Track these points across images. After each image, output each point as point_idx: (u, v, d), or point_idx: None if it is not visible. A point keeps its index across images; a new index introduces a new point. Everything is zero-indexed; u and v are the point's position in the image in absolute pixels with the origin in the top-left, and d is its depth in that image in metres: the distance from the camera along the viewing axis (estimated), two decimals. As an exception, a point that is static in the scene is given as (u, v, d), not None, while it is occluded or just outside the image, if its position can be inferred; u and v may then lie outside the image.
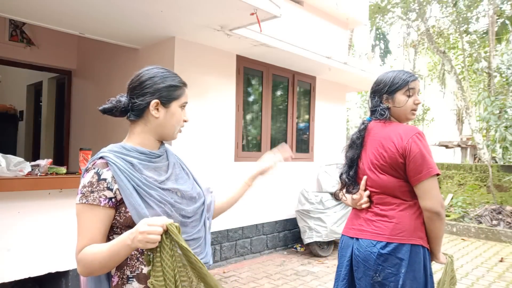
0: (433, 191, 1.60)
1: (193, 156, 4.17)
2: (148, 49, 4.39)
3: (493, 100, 7.17)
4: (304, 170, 5.70)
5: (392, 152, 1.66)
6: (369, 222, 1.73)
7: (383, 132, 1.74)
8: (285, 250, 5.37)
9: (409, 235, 1.63)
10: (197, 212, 1.32)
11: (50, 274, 2.92)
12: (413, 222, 1.64)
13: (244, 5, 3.12)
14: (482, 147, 10.34)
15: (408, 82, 1.76)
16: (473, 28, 12.62)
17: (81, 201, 1.14)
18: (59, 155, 5.89)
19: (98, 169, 1.16)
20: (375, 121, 1.82)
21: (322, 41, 5.88)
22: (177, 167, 1.36)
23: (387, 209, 1.70)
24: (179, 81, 1.32)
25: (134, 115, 1.28)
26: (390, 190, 1.70)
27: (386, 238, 1.65)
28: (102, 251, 1.09)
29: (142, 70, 1.31)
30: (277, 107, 5.45)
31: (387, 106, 1.79)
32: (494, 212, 7.05)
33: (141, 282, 1.16)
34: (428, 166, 1.60)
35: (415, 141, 1.62)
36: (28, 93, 6.87)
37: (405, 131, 1.67)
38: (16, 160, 2.71)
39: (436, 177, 1.61)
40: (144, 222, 1.04)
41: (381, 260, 1.63)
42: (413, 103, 1.77)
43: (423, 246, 1.64)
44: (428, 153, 1.62)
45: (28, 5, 3.20)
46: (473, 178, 8.88)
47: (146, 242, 1.02)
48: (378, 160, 1.72)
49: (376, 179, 1.74)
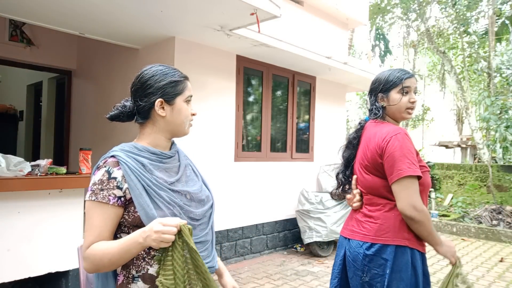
0: (402, 193, 1.56)
1: (193, 156, 4.16)
2: (148, 49, 4.39)
3: (493, 100, 7.17)
4: (304, 170, 5.70)
5: (372, 152, 1.66)
6: (358, 223, 1.74)
7: (371, 132, 1.73)
8: (285, 250, 5.37)
9: (393, 236, 1.61)
10: (205, 215, 1.31)
11: (50, 274, 2.92)
12: (398, 223, 1.62)
13: (244, 5, 3.12)
14: (482, 147, 10.34)
15: (402, 79, 1.72)
16: (472, 29, 12.62)
17: (91, 198, 1.15)
18: (59, 155, 5.88)
19: (109, 168, 1.17)
20: (370, 120, 1.80)
21: (322, 41, 5.88)
22: (188, 169, 1.36)
23: (374, 209, 1.69)
24: (180, 75, 1.29)
25: (141, 117, 1.27)
26: (376, 190, 1.69)
27: (371, 239, 1.65)
28: (113, 247, 1.10)
29: (142, 70, 1.29)
30: (277, 107, 5.45)
31: (382, 105, 1.76)
32: (494, 212, 7.06)
33: (146, 282, 1.16)
34: (398, 168, 1.56)
35: (392, 142, 1.59)
36: (28, 93, 6.87)
37: (388, 131, 1.64)
38: (16, 160, 2.71)
39: (410, 179, 1.55)
40: (159, 221, 1.06)
41: (366, 260, 1.64)
42: (408, 101, 1.72)
43: (410, 247, 1.61)
44: (404, 155, 1.57)
45: (28, 5, 3.20)
46: (473, 178, 8.88)
47: (160, 241, 1.04)
48: (364, 160, 1.72)
49: (362, 179, 1.75)
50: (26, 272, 2.79)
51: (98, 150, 1.26)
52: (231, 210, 4.67)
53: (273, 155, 5.28)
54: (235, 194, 4.72)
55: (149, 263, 1.17)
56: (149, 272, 1.16)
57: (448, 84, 17.07)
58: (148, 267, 1.17)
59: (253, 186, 4.94)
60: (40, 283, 3.10)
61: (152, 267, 1.16)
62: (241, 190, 4.79)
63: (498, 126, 7.02)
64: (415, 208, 1.55)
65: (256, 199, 4.98)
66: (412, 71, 15.71)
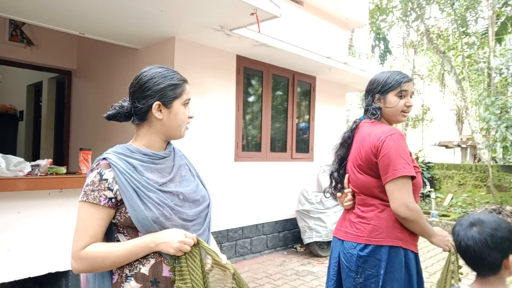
0: (396, 192, 1.58)
1: (193, 156, 4.15)
2: (148, 49, 4.39)
3: (493, 100, 7.17)
4: (304, 170, 5.70)
5: (367, 151, 1.66)
6: (351, 224, 1.74)
7: (365, 131, 1.74)
8: (285, 250, 5.37)
9: (386, 237, 1.62)
10: (200, 215, 1.30)
11: (50, 274, 2.92)
12: (391, 224, 1.63)
13: (244, 5, 3.12)
14: (482, 147, 10.34)
15: (401, 83, 1.73)
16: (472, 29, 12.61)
17: (82, 199, 1.18)
18: (59, 155, 5.88)
19: (101, 170, 1.19)
20: (365, 120, 1.81)
21: (322, 41, 5.88)
22: (183, 169, 1.36)
23: (366, 210, 1.70)
24: (179, 79, 1.29)
25: (138, 119, 1.28)
26: (368, 190, 1.69)
27: (364, 240, 1.65)
28: (118, 250, 1.14)
29: (141, 71, 1.29)
30: (277, 107, 5.45)
31: (379, 106, 1.77)
32: (494, 212, 7.05)
33: (139, 281, 1.17)
34: (394, 167, 1.57)
35: (388, 141, 1.60)
36: (28, 93, 6.87)
37: (383, 131, 1.65)
38: (16, 160, 2.71)
39: (404, 179, 1.58)
40: (182, 233, 1.16)
41: (360, 261, 1.64)
42: (404, 105, 1.74)
43: (403, 247, 1.62)
44: (399, 155, 1.59)
45: (28, 5, 3.20)
46: (473, 178, 8.88)
47: (180, 250, 1.14)
48: (357, 159, 1.73)
49: (355, 178, 1.75)
50: (26, 272, 2.79)
51: (98, 150, 1.26)
52: (231, 210, 4.67)
53: (273, 155, 5.28)
54: (235, 194, 4.72)
55: (142, 262, 1.18)
56: (141, 271, 1.17)
57: (448, 84, 17.08)
58: (140, 266, 1.18)
59: (253, 186, 4.94)
60: (40, 283, 3.10)
61: (144, 266, 1.17)
62: (241, 190, 4.79)
63: (499, 126, 7.01)
64: (408, 208, 1.57)
65: (256, 199, 4.98)
66: (412, 71, 15.74)
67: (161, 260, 1.17)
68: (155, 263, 1.17)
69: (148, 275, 1.17)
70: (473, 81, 14.61)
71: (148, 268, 1.17)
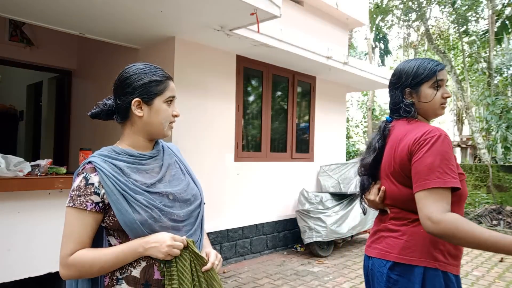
0: (419, 204, 1.29)
1: (193, 156, 4.17)
2: (148, 49, 4.39)
3: (494, 100, 7.17)
4: (304, 170, 5.70)
5: (402, 156, 1.39)
6: (382, 238, 1.49)
7: (401, 132, 1.46)
8: (285, 250, 5.36)
9: (420, 256, 1.35)
10: (192, 215, 1.26)
11: (50, 274, 2.92)
12: (428, 241, 1.35)
13: (244, 5, 3.12)
14: (482, 147, 10.34)
15: (435, 72, 1.45)
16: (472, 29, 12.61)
17: (69, 204, 1.16)
18: (59, 155, 5.88)
19: (87, 174, 1.16)
20: (397, 120, 1.53)
21: (322, 41, 5.88)
22: (173, 168, 1.31)
23: (399, 223, 1.44)
24: (161, 75, 1.25)
25: (120, 117, 1.25)
26: (404, 203, 1.42)
27: (394, 257, 1.40)
28: (105, 255, 1.12)
29: (124, 68, 1.27)
30: (277, 107, 5.45)
31: (412, 102, 1.49)
32: (494, 212, 7.06)
33: (130, 284, 1.16)
34: (425, 177, 1.28)
35: (424, 144, 1.31)
36: (28, 93, 6.87)
37: (423, 132, 1.35)
38: (16, 160, 2.71)
39: (436, 190, 1.27)
40: (170, 236, 1.13)
41: (391, 282, 1.40)
42: (442, 97, 1.47)
43: (441, 270, 1.34)
44: (436, 161, 1.29)
45: (28, 5, 3.20)
46: (473, 178, 8.88)
47: (168, 254, 1.11)
48: (390, 166, 1.45)
49: (388, 189, 1.48)
50: (26, 272, 2.79)
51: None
52: (231, 210, 4.67)
53: (273, 155, 5.28)
54: (235, 194, 4.72)
55: (133, 265, 1.16)
56: (133, 274, 1.16)
57: (448, 84, 17.05)
58: (131, 269, 1.16)
59: (253, 186, 4.94)
60: (40, 283, 3.10)
61: (135, 269, 1.15)
62: (241, 190, 4.79)
63: (499, 126, 7.01)
64: (430, 220, 1.24)
65: (256, 199, 4.98)
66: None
67: (153, 263, 1.15)
68: (146, 266, 1.15)
69: (140, 278, 1.15)
70: (473, 81, 14.61)
71: (139, 271, 1.15)
